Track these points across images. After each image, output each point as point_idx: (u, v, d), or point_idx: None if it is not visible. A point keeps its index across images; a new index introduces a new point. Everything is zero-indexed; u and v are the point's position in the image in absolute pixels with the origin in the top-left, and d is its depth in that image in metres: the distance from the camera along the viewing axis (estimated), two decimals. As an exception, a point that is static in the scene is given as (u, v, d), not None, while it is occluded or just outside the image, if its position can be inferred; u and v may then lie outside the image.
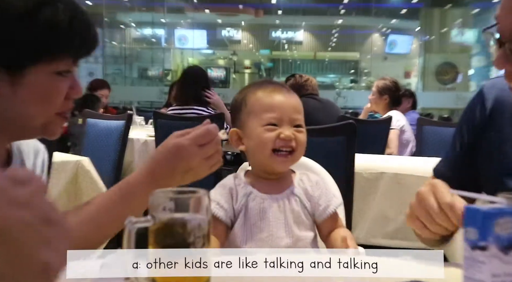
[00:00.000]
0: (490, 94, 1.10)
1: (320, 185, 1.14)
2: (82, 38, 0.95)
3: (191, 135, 0.92)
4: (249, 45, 16.68)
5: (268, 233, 1.06)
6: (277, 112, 1.10)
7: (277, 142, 1.09)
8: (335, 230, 1.12)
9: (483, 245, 0.63)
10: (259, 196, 1.09)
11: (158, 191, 0.75)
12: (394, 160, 2.76)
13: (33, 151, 1.10)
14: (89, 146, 2.93)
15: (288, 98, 1.13)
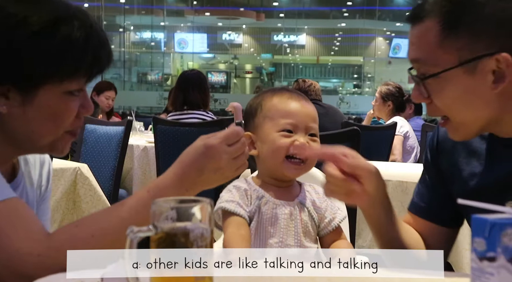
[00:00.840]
0: (442, 129, 1.10)
1: (326, 197, 1.13)
2: (96, 56, 0.94)
3: (220, 134, 0.92)
4: (250, 49, 16.71)
5: (278, 239, 1.06)
6: (293, 119, 1.10)
7: (291, 149, 1.08)
8: (336, 242, 1.11)
9: (491, 256, 0.62)
10: (271, 201, 1.08)
11: (160, 200, 0.74)
12: (399, 167, 2.75)
13: (39, 161, 1.10)
14: (88, 152, 2.92)
15: (305, 107, 1.13)
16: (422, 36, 0.94)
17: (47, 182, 1.12)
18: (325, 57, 16.60)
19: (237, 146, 0.92)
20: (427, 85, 0.94)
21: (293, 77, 15.41)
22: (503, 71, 0.90)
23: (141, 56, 16.09)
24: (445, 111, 0.95)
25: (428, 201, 1.12)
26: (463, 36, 0.90)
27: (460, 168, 1.05)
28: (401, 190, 2.20)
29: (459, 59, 0.91)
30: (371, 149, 2.99)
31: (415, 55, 0.96)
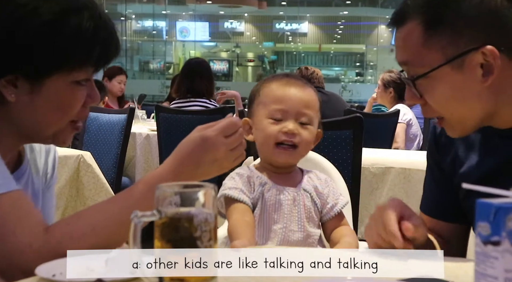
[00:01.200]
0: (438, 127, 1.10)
1: (328, 182, 1.14)
2: (105, 47, 0.94)
3: (217, 126, 0.92)
4: (252, 38, 16.63)
5: (282, 225, 1.06)
6: (283, 105, 1.09)
7: (279, 135, 1.08)
8: (338, 228, 1.11)
9: (495, 240, 0.62)
10: (274, 187, 1.09)
11: (164, 185, 0.74)
12: (402, 154, 2.75)
13: (45, 149, 1.10)
14: (91, 140, 2.93)
15: (300, 92, 1.11)
16: (406, 38, 0.94)
17: (53, 169, 1.12)
18: (327, 45, 16.52)
19: (234, 137, 0.91)
20: (418, 86, 0.94)
21: (295, 65, 15.35)
22: (491, 64, 0.90)
23: (143, 45, 16.04)
24: (440, 111, 0.95)
25: (435, 200, 1.12)
26: (446, 33, 0.90)
27: (460, 162, 1.05)
28: (403, 177, 2.20)
29: (446, 56, 0.91)
30: (374, 137, 2.98)
31: (402, 58, 0.96)
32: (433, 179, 1.13)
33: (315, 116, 1.12)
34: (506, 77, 0.91)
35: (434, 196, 1.12)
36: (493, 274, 0.62)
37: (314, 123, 1.12)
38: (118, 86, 4.54)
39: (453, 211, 1.10)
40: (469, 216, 1.07)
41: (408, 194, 2.19)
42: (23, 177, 1.00)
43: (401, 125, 3.49)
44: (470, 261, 0.84)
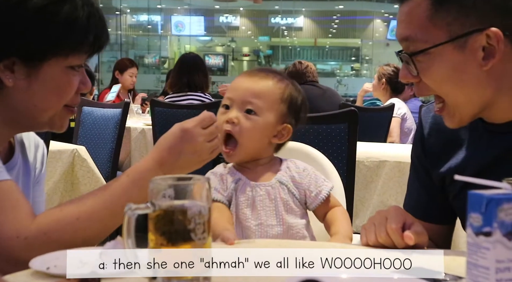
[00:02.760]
0: (426, 121, 1.10)
1: (308, 171, 1.12)
2: (97, 34, 0.98)
3: (194, 118, 0.98)
4: (247, 32, 16.58)
5: (257, 222, 1.05)
6: (231, 94, 1.09)
7: (224, 126, 1.07)
8: (331, 210, 1.11)
9: (487, 230, 0.62)
10: (247, 184, 1.08)
11: (158, 178, 0.74)
12: (396, 148, 2.75)
13: (33, 145, 1.11)
14: (85, 135, 2.92)
15: (252, 82, 1.09)
16: (412, 12, 0.93)
17: (42, 164, 1.14)
18: (323, 40, 16.49)
19: (211, 129, 0.97)
20: (417, 62, 0.93)
21: (290, 59, 15.32)
22: (493, 48, 0.89)
23: (138, 39, 15.97)
24: (436, 89, 0.94)
25: (420, 201, 1.11)
26: (453, 10, 0.89)
27: (448, 162, 1.04)
28: (398, 170, 2.21)
29: (449, 34, 0.90)
30: (368, 131, 2.98)
31: (405, 33, 0.94)
32: (418, 179, 1.12)
33: (267, 107, 1.08)
34: (507, 63, 0.90)
35: (419, 197, 1.12)
36: (484, 265, 0.63)
37: (264, 114, 1.07)
38: (130, 80, 4.56)
39: (437, 212, 1.09)
40: (460, 214, 1.07)
41: (403, 187, 2.20)
42: (14, 169, 1.01)
43: (396, 120, 3.49)
44: (463, 253, 0.85)
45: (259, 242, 1.00)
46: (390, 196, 2.23)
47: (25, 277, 0.74)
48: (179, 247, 0.70)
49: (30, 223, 0.87)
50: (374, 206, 2.25)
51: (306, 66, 3.74)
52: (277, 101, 1.09)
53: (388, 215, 0.90)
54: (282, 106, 1.10)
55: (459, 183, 0.99)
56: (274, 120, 1.09)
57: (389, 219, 0.89)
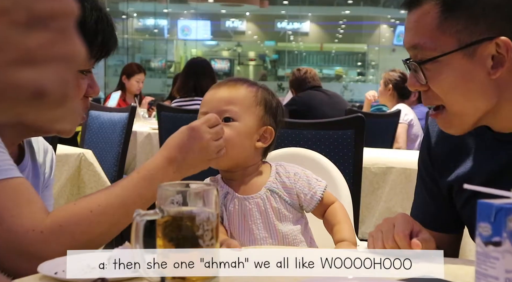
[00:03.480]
0: (433, 130, 1.09)
1: (299, 174, 1.10)
2: (105, 38, 0.99)
3: (201, 118, 1.01)
4: (253, 37, 16.61)
5: (249, 237, 1.04)
6: (205, 108, 1.08)
7: None
8: (329, 208, 1.10)
9: (496, 240, 0.62)
10: (236, 197, 1.06)
11: (166, 184, 0.74)
12: (403, 154, 2.75)
13: (43, 149, 1.12)
14: (92, 139, 2.93)
15: (223, 92, 1.09)
16: (421, 20, 0.93)
17: (50, 169, 1.15)
18: (329, 45, 16.50)
19: (217, 128, 0.99)
20: (425, 70, 0.93)
21: (296, 64, 15.32)
22: (502, 56, 0.89)
23: (144, 43, 16.03)
24: (442, 98, 0.94)
25: (428, 210, 1.10)
26: (463, 18, 0.89)
27: (456, 171, 1.04)
28: (404, 177, 2.21)
29: (459, 42, 0.90)
30: (375, 137, 2.98)
31: (414, 41, 0.94)
32: (425, 188, 1.11)
33: (244, 111, 1.07)
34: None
35: (426, 206, 1.11)
36: (493, 275, 0.62)
37: (242, 118, 1.06)
38: (136, 85, 4.57)
39: (445, 221, 1.09)
40: (468, 223, 1.07)
41: (409, 194, 2.20)
42: (24, 172, 1.02)
43: (403, 126, 3.48)
44: (471, 262, 0.84)
45: (267, 249, 1.00)
46: (396, 202, 2.22)
47: (33, 281, 0.74)
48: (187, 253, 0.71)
49: (45, 217, 0.88)
50: (381, 212, 2.24)
51: (305, 72, 3.76)
52: (252, 105, 1.09)
53: (396, 222, 0.90)
54: (259, 109, 1.09)
55: (466, 191, 0.99)
56: (254, 123, 1.08)
57: (397, 226, 0.88)
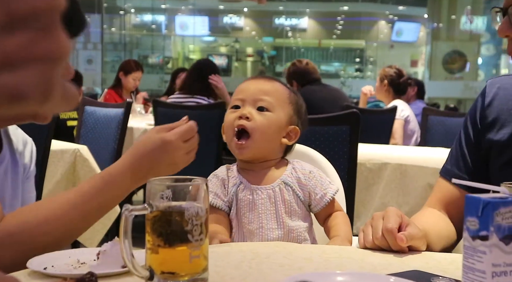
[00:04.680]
0: (490, 91, 1.12)
1: (314, 173, 1.12)
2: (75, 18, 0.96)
3: (177, 131, 0.97)
4: (251, 33, 16.58)
5: (258, 225, 1.05)
6: (242, 95, 1.10)
7: (235, 122, 1.07)
8: (332, 215, 1.11)
9: (484, 234, 0.62)
10: (248, 187, 1.07)
11: (156, 179, 0.74)
12: (398, 150, 2.75)
13: (21, 141, 1.11)
14: (88, 134, 2.93)
15: (261, 83, 1.12)
16: None
17: (30, 161, 1.14)
18: (327, 41, 16.47)
19: (192, 141, 0.98)
20: None
21: (294, 61, 15.32)
22: None
23: (142, 39, 15.98)
24: None
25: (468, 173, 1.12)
26: None
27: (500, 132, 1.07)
28: (399, 173, 2.21)
29: None
30: (371, 133, 2.98)
31: None
32: (467, 144, 1.13)
33: (278, 104, 1.09)
34: None
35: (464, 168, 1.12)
36: (481, 268, 0.62)
37: (275, 110, 1.09)
38: (133, 83, 4.56)
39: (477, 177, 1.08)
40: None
41: (404, 190, 2.20)
42: (2, 164, 1.02)
43: (399, 122, 3.49)
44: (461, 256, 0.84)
45: (257, 244, 1.00)
46: (391, 198, 2.22)
47: (22, 277, 0.74)
48: (176, 248, 0.71)
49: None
50: (376, 208, 2.25)
51: (306, 64, 3.71)
52: (285, 101, 1.11)
53: (385, 216, 0.90)
54: (290, 107, 1.12)
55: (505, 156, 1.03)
56: (284, 119, 1.11)
57: (385, 219, 0.89)
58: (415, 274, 0.75)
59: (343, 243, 1.02)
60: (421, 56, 14.80)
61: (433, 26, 14.15)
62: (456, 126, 1.20)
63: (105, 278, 0.73)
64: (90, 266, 0.77)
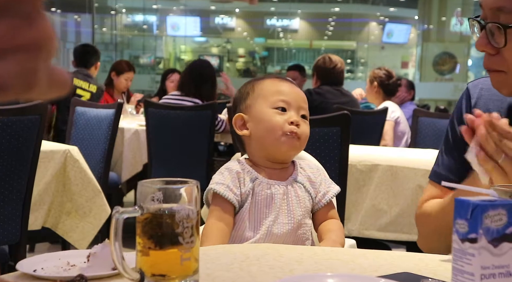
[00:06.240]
0: (474, 92, 1.14)
1: (320, 171, 1.16)
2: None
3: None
4: (243, 33, 16.57)
5: (273, 218, 1.07)
6: (286, 96, 1.12)
7: (285, 126, 1.10)
8: (327, 221, 1.12)
9: (472, 237, 0.63)
10: (265, 182, 1.09)
11: (147, 181, 0.74)
12: (389, 151, 2.76)
13: None
14: (78, 135, 2.91)
15: (294, 87, 1.16)
16: None
17: None
18: (319, 42, 16.50)
19: None
20: (508, 35, 0.92)
21: (286, 61, 15.31)
22: None
23: (133, 39, 15.92)
24: (509, 65, 0.94)
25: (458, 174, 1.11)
26: None
27: None
28: (390, 174, 2.22)
29: None
30: (362, 134, 2.99)
31: (499, 3, 0.94)
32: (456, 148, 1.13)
33: (308, 115, 1.15)
34: None
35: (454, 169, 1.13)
36: (469, 271, 0.63)
37: (308, 120, 1.14)
38: (124, 83, 4.55)
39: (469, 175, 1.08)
40: None
41: (395, 191, 2.21)
42: None
43: (389, 123, 3.50)
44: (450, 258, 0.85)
45: (248, 246, 1.00)
46: (382, 199, 2.23)
47: (12, 279, 0.74)
48: (167, 250, 0.70)
49: None
50: (366, 209, 2.25)
51: (335, 66, 3.45)
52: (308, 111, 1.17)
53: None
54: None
55: None
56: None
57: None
58: (405, 276, 0.76)
59: (334, 245, 1.02)
60: (411, 58, 14.89)
61: (423, 27, 14.23)
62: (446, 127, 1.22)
63: (95, 281, 0.73)
64: (80, 268, 0.76)
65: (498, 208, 0.63)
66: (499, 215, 0.63)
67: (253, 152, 1.14)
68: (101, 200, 2.22)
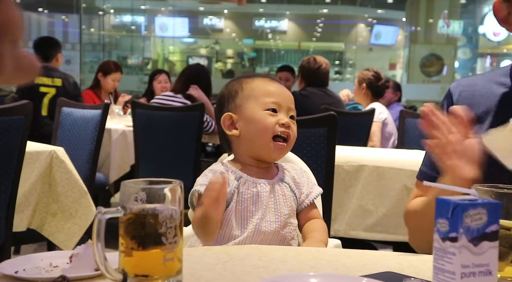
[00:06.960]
0: (455, 92, 1.17)
1: (303, 172, 1.18)
2: None
3: None
4: (232, 34, 16.57)
5: (260, 216, 1.07)
6: (277, 98, 1.13)
7: (276, 127, 1.11)
8: (311, 221, 1.12)
9: (453, 236, 0.63)
10: (250, 180, 1.10)
11: (130, 181, 0.73)
12: (375, 152, 2.77)
13: None
14: (64, 136, 2.89)
15: (284, 89, 1.17)
16: None
17: None
18: (307, 43, 16.54)
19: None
20: None
21: (274, 62, 15.34)
22: None
23: (121, 40, 15.84)
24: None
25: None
26: None
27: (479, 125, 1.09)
28: (377, 175, 2.23)
29: None
30: (349, 135, 3.00)
31: None
32: None
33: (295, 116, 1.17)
34: None
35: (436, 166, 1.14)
36: (450, 270, 0.64)
37: (295, 120, 1.16)
38: (112, 84, 4.51)
39: None
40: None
41: (381, 192, 2.22)
42: None
43: (377, 124, 3.52)
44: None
45: (232, 247, 1.00)
46: (368, 200, 2.24)
47: (-7, 281, 0.73)
48: (150, 250, 0.70)
49: None
50: (353, 210, 2.26)
51: (319, 67, 3.43)
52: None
53: None
54: None
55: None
56: None
57: None
58: (388, 275, 0.76)
59: (318, 244, 1.03)
60: (399, 59, 14.99)
61: (411, 29, 14.34)
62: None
63: (78, 281, 0.72)
64: (62, 269, 0.76)
65: (478, 207, 0.64)
66: (479, 214, 0.64)
67: (241, 151, 1.14)
68: (87, 201, 2.21)
